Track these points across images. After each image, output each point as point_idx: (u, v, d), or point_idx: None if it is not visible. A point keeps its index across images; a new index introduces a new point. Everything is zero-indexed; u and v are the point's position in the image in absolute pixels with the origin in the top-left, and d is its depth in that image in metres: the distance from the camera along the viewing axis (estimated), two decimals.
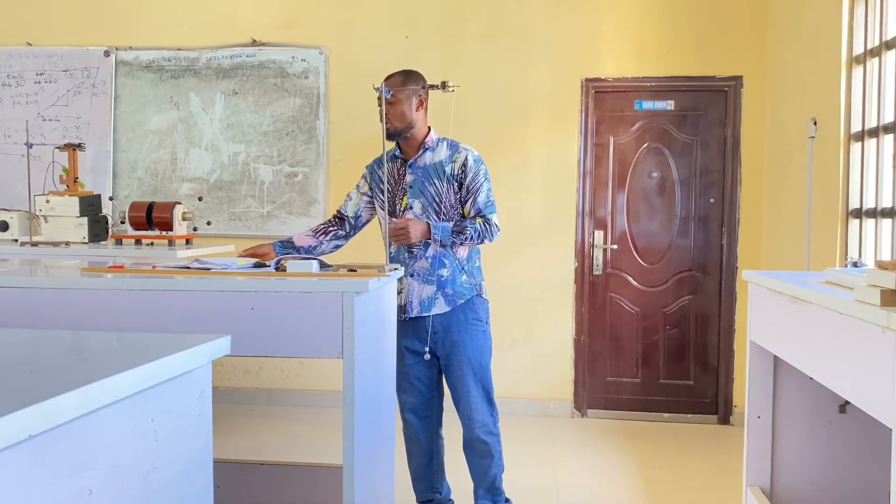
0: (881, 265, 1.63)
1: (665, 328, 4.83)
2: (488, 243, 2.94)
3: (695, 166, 4.77)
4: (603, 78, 4.79)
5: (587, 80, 4.80)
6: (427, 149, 2.95)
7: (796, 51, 4.14)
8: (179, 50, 5.09)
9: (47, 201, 4.05)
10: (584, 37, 4.79)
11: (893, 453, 1.46)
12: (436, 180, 2.91)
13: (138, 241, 4.08)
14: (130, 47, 5.14)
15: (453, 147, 2.96)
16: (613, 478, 3.76)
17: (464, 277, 2.93)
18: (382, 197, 2.96)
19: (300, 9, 5.02)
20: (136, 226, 4.00)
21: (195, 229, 4.28)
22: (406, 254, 2.93)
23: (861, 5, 3.39)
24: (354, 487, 2.23)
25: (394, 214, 2.96)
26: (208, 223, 4.50)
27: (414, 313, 2.91)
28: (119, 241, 4.08)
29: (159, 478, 1.22)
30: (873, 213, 3.26)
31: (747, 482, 2.58)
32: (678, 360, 4.82)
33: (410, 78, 2.91)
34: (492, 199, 2.95)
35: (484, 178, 2.93)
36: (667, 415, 4.80)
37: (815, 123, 3.77)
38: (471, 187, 2.91)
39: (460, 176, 2.90)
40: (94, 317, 2.25)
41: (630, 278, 4.85)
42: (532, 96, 4.84)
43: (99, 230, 4.13)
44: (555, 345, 4.86)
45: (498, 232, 2.92)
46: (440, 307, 2.90)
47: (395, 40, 4.90)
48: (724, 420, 4.74)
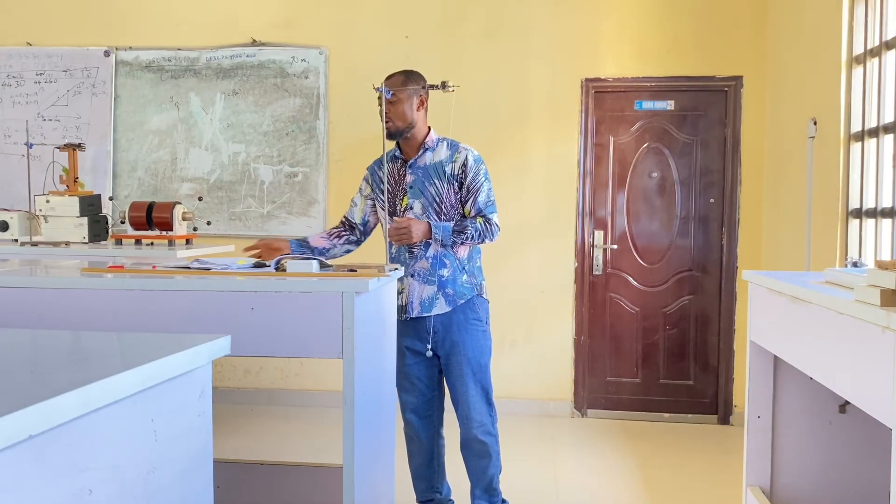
0: (881, 265, 1.63)
1: (665, 328, 4.83)
2: (489, 243, 2.94)
3: (695, 166, 4.77)
4: (603, 78, 4.79)
5: (587, 80, 4.80)
6: (427, 149, 2.94)
7: (796, 51, 4.14)
8: (179, 50, 5.09)
9: (47, 201, 4.05)
10: (584, 37, 4.79)
11: (893, 453, 1.46)
12: (436, 180, 2.91)
13: (138, 241, 4.08)
14: (130, 47, 5.14)
15: (453, 147, 2.96)
16: (613, 478, 3.76)
17: (464, 277, 2.93)
18: (383, 197, 2.97)
19: (300, 9, 5.02)
20: (136, 226, 4.00)
21: (195, 229, 4.29)
22: (407, 254, 2.93)
23: (861, 5, 3.39)
24: (354, 487, 2.23)
25: (394, 215, 2.95)
26: (208, 223, 4.50)
27: (415, 313, 2.91)
28: (119, 241, 4.09)
29: (159, 478, 1.22)
30: (873, 213, 3.26)
31: (747, 482, 2.58)
32: (678, 360, 4.82)
33: (411, 78, 2.92)
34: (492, 198, 2.95)
35: (484, 178, 2.93)
36: (667, 415, 4.80)
37: (815, 123, 3.77)
38: (471, 187, 2.91)
39: (460, 176, 2.90)
40: (94, 317, 2.25)
41: (630, 278, 4.85)
42: (532, 96, 4.84)
43: (99, 230, 4.13)
44: (555, 345, 4.86)
45: (498, 231, 2.92)
46: (441, 307, 2.90)
47: (395, 40, 4.90)
48: (724, 420, 4.74)
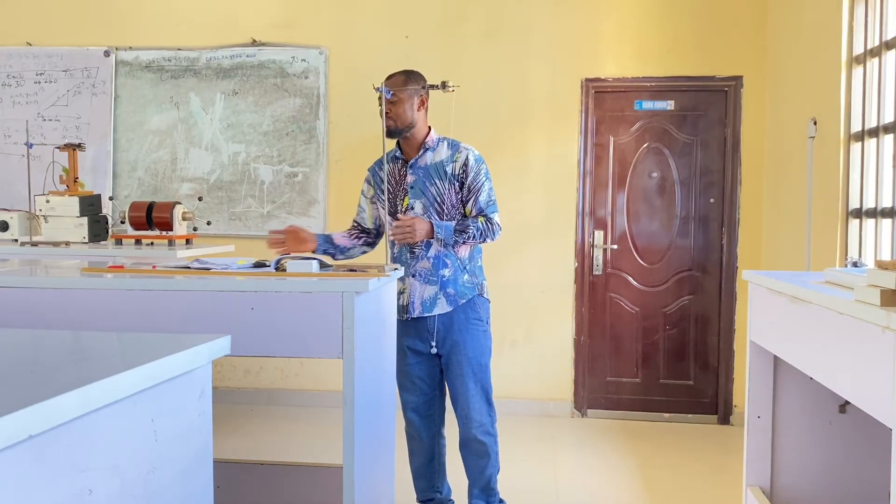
0: (881, 265, 1.63)
1: (665, 328, 4.83)
2: (490, 242, 2.95)
3: (695, 166, 4.77)
4: (603, 78, 4.79)
5: (587, 80, 4.80)
6: (427, 149, 2.94)
7: (796, 51, 4.14)
8: (179, 50, 5.09)
9: (47, 201, 4.05)
10: (584, 37, 4.79)
11: (893, 453, 1.46)
12: (437, 180, 2.91)
13: (138, 241, 4.08)
14: (130, 47, 5.14)
15: (454, 147, 2.96)
16: (613, 478, 3.76)
17: (465, 277, 2.93)
18: (383, 197, 2.97)
19: (300, 9, 5.02)
20: (136, 226, 4.00)
21: (195, 229, 4.29)
22: (408, 254, 2.93)
23: (861, 5, 3.39)
24: (354, 487, 2.23)
25: (395, 215, 2.96)
26: (208, 223, 4.51)
27: (416, 313, 2.91)
28: (119, 241, 4.09)
29: (159, 478, 1.22)
30: (873, 213, 3.26)
31: (747, 482, 2.58)
32: (678, 359, 4.82)
33: (412, 78, 2.92)
34: (493, 198, 2.95)
35: (485, 178, 2.93)
36: (667, 415, 4.80)
37: (815, 123, 3.77)
38: (472, 187, 2.91)
39: (461, 176, 2.90)
40: (94, 317, 2.25)
41: (630, 278, 4.85)
42: (532, 96, 4.84)
43: (99, 230, 4.13)
44: (555, 345, 4.86)
45: (500, 231, 2.92)
46: (442, 307, 2.90)
47: (395, 40, 4.90)
48: (724, 420, 4.74)
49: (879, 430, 1.85)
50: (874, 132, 3.27)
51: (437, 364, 3.01)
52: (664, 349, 4.83)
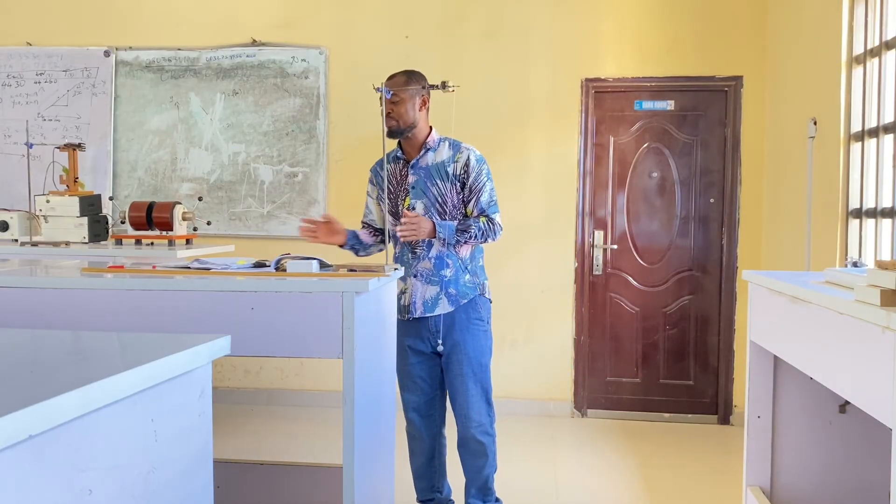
0: (881, 265, 1.63)
1: (665, 328, 4.83)
2: (491, 242, 2.95)
3: (695, 166, 4.77)
4: (603, 78, 4.79)
5: (587, 80, 4.80)
6: (429, 149, 2.94)
7: (796, 51, 4.14)
8: (179, 50, 5.09)
9: (47, 201, 4.05)
10: (584, 37, 4.79)
11: (893, 453, 1.46)
12: (438, 181, 2.91)
13: (138, 241, 4.08)
14: (130, 47, 5.14)
15: (455, 147, 2.96)
16: (613, 478, 3.76)
17: (467, 277, 2.93)
18: (385, 197, 2.97)
19: (300, 9, 5.02)
20: (136, 226, 4.00)
21: (195, 229, 4.29)
22: (409, 254, 2.93)
23: (861, 5, 3.39)
24: (354, 487, 2.23)
25: (396, 216, 2.96)
26: (208, 223, 4.51)
27: (417, 313, 2.91)
28: (119, 241, 4.09)
29: (159, 478, 1.22)
30: (873, 213, 3.26)
31: (747, 482, 2.58)
32: (678, 359, 4.82)
33: (413, 78, 2.92)
34: (494, 198, 2.95)
35: (486, 178, 2.93)
36: (667, 415, 4.80)
37: (815, 123, 3.77)
38: (473, 187, 2.91)
39: (462, 176, 2.90)
40: (94, 317, 2.25)
41: (630, 278, 4.85)
42: (532, 96, 4.84)
43: (99, 230, 4.13)
44: (555, 345, 4.86)
45: (501, 231, 2.93)
46: (443, 307, 2.90)
47: (395, 40, 4.90)
48: (724, 420, 4.74)
49: (879, 430, 1.85)
50: (874, 132, 3.27)
51: (438, 364, 3.01)
52: (664, 349, 4.83)
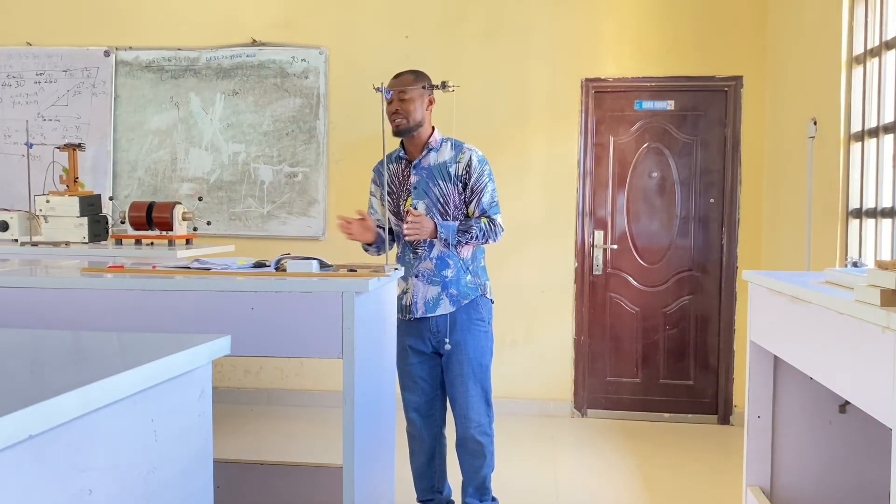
0: (881, 265, 1.63)
1: (665, 328, 4.83)
2: (492, 243, 2.95)
3: (695, 166, 4.77)
4: (603, 78, 4.79)
5: (587, 80, 4.80)
6: (431, 149, 2.95)
7: (796, 51, 4.14)
8: (179, 50, 5.09)
9: (47, 201, 4.05)
10: (584, 37, 4.79)
11: (893, 453, 1.46)
12: (440, 181, 2.91)
13: (138, 241, 4.08)
14: (130, 47, 5.14)
15: (457, 147, 2.96)
16: (613, 478, 3.76)
17: (468, 277, 2.93)
18: (386, 197, 2.97)
19: (300, 9, 5.02)
20: (136, 226, 4.00)
21: (195, 229, 4.29)
22: (411, 254, 2.94)
23: (861, 5, 3.39)
24: (354, 487, 2.23)
25: (398, 215, 2.96)
26: (208, 223, 4.51)
27: (419, 314, 2.91)
28: (119, 241, 4.09)
29: (159, 478, 1.22)
30: (873, 213, 3.26)
31: (747, 482, 2.58)
32: (678, 359, 4.82)
33: (420, 77, 2.92)
34: (496, 199, 2.95)
35: (488, 179, 2.93)
36: (667, 415, 4.80)
37: (815, 123, 3.77)
38: (475, 188, 2.91)
39: (464, 176, 2.91)
40: (94, 317, 2.25)
41: (630, 278, 4.85)
42: (532, 96, 4.84)
43: (99, 230, 4.13)
44: (555, 345, 4.86)
45: (502, 232, 2.93)
46: (445, 308, 2.90)
47: (395, 40, 4.90)
48: (724, 420, 4.74)
49: (879, 430, 1.85)
50: (874, 132, 3.27)
51: (439, 364, 3.01)
52: (664, 349, 4.83)
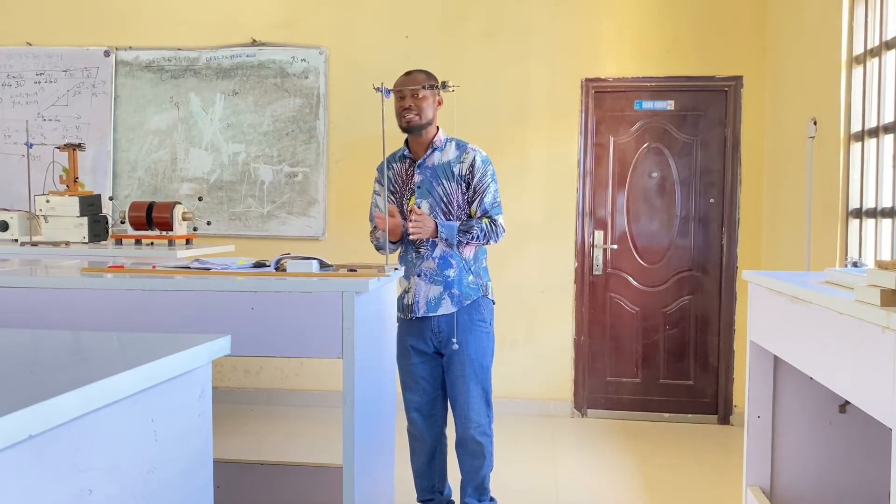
0: (881, 265, 1.63)
1: (665, 328, 4.83)
2: (493, 244, 2.95)
3: (695, 166, 4.77)
4: (603, 78, 4.79)
5: (587, 80, 4.80)
6: (435, 149, 2.95)
7: (796, 51, 4.14)
8: (179, 50, 5.09)
9: (47, 201, 4.05)
10: (584, 37, 4.79)
11: (893, 453, 1.46)
12: (444, 180, 2.91)
13: (138, 241, 4.08)
14: (130, 47, 5.14)
15: (461, 147, 2.96)
16: (613, 478, 3.76)
17: (470, 278, 2.94)
18: (390, 196, 2.97)
19: (300, 9, 5.02)
20: (136, 226, 4.00)
21: (195, 229, 4.29)
22: (413, 254, 2.94)
23: (861, 5, 3.39)
24: (354, 487, 2.23)
25: (402, 215, 2.96)
26: (208, 223, 4.51)
27: (420, 313, 2.91)
28: (119, 241, 4.09)
29: (159, 478, 1.22)
30: (873, 213, 3.26)
31: (747, 482, 2.58)
32: (678, 359, 4.82)
33: (431, 77, 2.93)
34: (498, 200, 2.96)
35: (491, 179, 2.93)
36: (667, 415, 4.80)
37: (815, 123, 3.77)
38: (478, 188, 2.91)
39: (468, 176, 2.91)
40: (94, 317, 2.25)
41: (630, 278, 4.85)
42: (532, 96, 4.84)
43: (99, 230, 4.13)
44: (555, 345, 4.86)
45: (503, 233, 2.93)
46: (446, 307, 2.90)
47: (395, 40, 4.90)
48: (724, 420, 4.74)
49: (879, 430, 1.85)
50: (874, 132, 3.27)
51: (440, 364, 3.01)
52: (664, 349, 4.83)
